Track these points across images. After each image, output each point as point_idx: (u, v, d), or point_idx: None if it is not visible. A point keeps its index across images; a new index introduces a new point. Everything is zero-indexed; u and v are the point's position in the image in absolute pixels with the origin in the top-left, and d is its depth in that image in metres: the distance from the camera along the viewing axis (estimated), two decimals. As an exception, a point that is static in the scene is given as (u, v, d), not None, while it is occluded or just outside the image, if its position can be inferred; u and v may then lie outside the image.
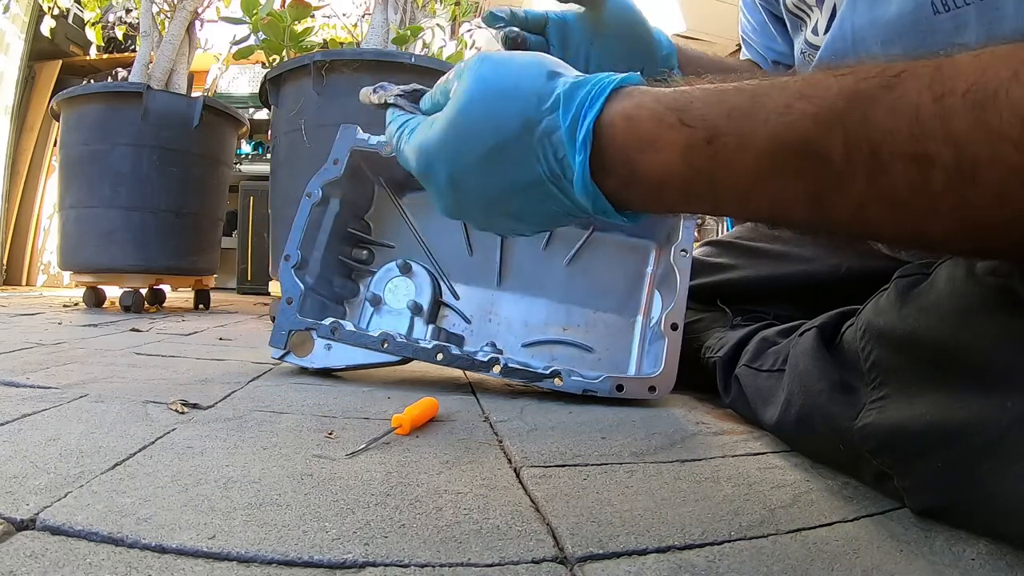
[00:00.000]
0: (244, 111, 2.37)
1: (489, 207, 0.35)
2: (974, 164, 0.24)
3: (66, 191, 1.72)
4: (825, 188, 0.27)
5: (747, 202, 0.29)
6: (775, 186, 0.28)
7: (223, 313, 1.83)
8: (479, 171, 0.33)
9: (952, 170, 0.24)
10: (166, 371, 0.75)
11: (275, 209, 1.54)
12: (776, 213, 0.29)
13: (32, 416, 0.50)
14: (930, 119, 0.24)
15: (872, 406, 0.39)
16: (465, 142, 0.33)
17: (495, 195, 0.34)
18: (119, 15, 2.93)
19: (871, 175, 0.26)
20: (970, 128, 0.24)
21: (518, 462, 0.45)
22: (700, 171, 0.29)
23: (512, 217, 0.35)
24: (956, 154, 0.24)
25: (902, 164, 0.25)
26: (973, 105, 0.23)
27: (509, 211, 0.35)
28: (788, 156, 0.27)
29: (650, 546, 0.31)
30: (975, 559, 0.31)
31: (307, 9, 1.68)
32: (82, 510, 0.31)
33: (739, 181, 0.28)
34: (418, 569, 0.28)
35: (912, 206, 0.26)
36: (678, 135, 0.29)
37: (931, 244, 0.28)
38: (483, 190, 0.34)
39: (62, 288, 2.88)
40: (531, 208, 0.34)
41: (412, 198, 0.89)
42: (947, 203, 0.25)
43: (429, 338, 0.77)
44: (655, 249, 0.82)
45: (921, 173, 0.25)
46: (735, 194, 0.29)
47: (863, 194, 0.26)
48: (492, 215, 0.36)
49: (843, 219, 0.27)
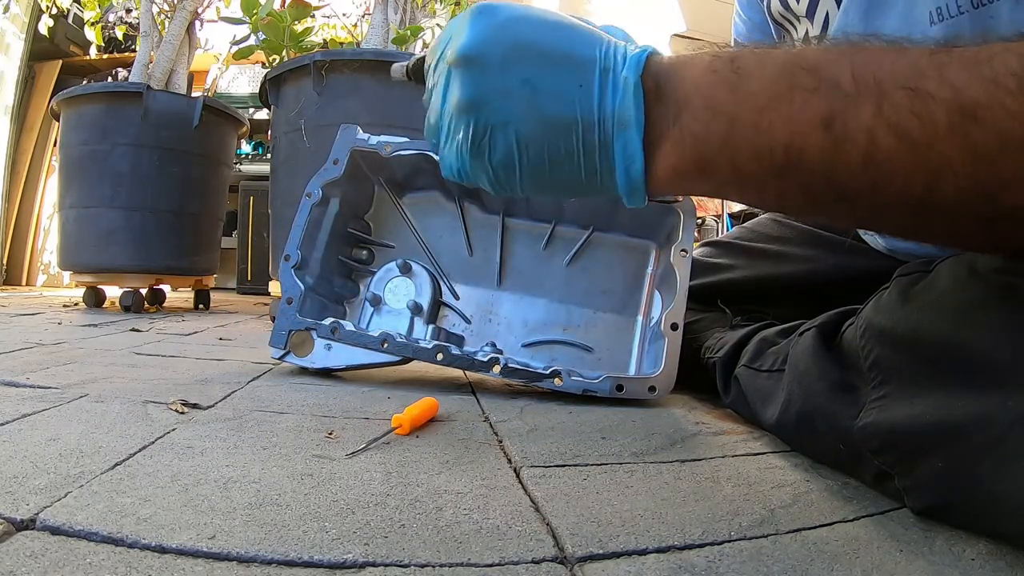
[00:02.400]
0: (244, 111, 2.38)
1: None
2: (974, 105, 0.25)
3: (66, 191, 1.72)
4: (837, 109, 0.28)
5: (764, 122, 0.29)
6: (789, 103, 0.29)
7: (223, 313, 1.83)
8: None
9: (952, 108, 0.26)
10: (166, 371, 0.75)
11: (275, 209, 1.54)
12: (793, 139, 0.29)
13: (32, 416, 0.50)
14: (928, 67, 0.27)
15: (872, 405, 0.39)
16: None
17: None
18: (119, 15, 2.94)
19: (878, 102, 0.27)
20: (966, 77, 0.26)
21: (518, 462, 0.45)
22: (724, 79, 0.31)
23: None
24: (955, 95, 0.26)
25: (903, 92, 0.27)
26: (968, 62, 0.26)
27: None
28: (801, 73, 0.29)
29: (650, 546, 0.31)
30: (975, 559, 0.30)
31: (307, 9, 1.68)
32: (82, 510, 0.31)
33: (758, 94, 0.30)
34: (418, 569, 0.28)
35: (919, 140, 0.27)
36: (706, 56, 0.32)
37: (944, 202, 0.28)
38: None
39: (62, 288, 2.88)
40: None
41: (412, 198, 0.89)
42: (954, 145, 0.26)
43: (429, 338, 0.77)
44: (655, 249, 0.82)
45: (923, 104, 0.26)
46: (753, 110, 0.30)
47: (873, 121, 0.27)
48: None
49: (856, 157, 0.28)
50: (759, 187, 0.32)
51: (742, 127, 0.30)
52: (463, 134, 0.34)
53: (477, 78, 0.33)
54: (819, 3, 0.57)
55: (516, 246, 0.85)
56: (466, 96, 0.33)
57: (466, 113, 0.34)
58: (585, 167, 0.34)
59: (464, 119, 0.34)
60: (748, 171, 0.31)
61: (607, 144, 0.33)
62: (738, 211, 3.26)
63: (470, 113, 0.34)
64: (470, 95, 0.33)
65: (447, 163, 0.37)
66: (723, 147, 0.31)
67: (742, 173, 0.31)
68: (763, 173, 0.30)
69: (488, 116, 0.33)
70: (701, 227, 3.58)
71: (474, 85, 0.33)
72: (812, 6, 0.58)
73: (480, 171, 0.35)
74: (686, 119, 0.31)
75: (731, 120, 0.30)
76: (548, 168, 0.34)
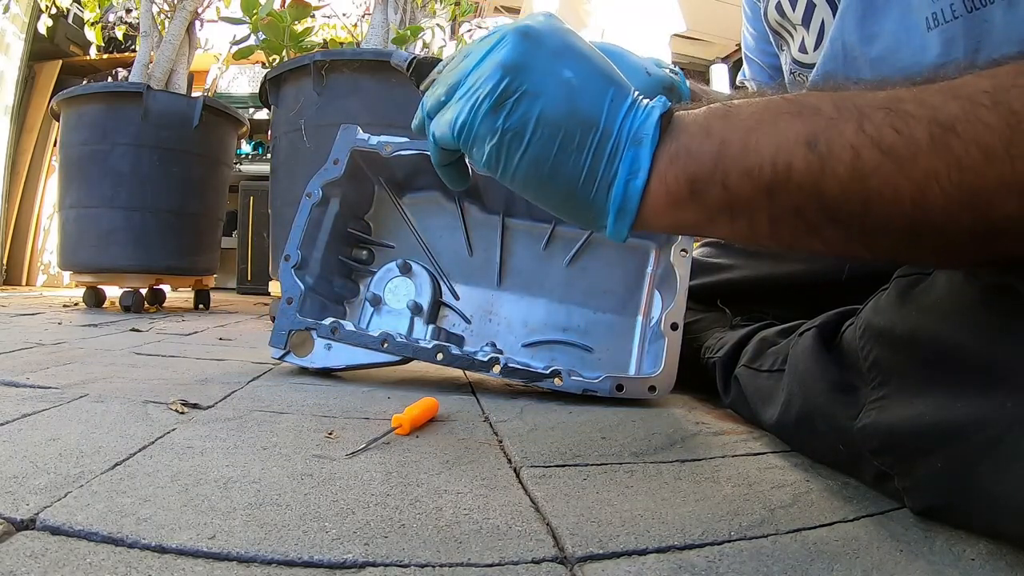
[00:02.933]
0: (244, 111, 2.38)
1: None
2: (951, 119, 0.27)
3: (66, 191, 1.72)
4: (819, 128, 0.30)
5: (752, 141, 0.31)
6: (774, 126, 0.31)
7: (223, 313, 1.83)
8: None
9: (932, 122, 0.27)
10: (166, 371, 0.75)
11: (275, 209, 1.54)
12: (779, 155, 0.30)
13: (32, 416, 0.50)
14: (904, 94, 0.29)
15: (872, 406, 0.39)
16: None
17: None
18: (119, 15, 2.94)
19: (859, 122, 0.29)
20: (941, 98, 0.28)
21: (518, 462, 0.45)
22: (717, 113, 0.33)
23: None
24: (932, 112, 0.28)
25: (882, 112, 0.29)
26: (941, 89, 0.28)
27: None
28: (784, 104, 0.32)
29: (650, 546, 0.31)
30: (975, 559, 0.31)
31: (307, 9, 1.68)
32: (82, 510, 0.31)
33: (746, 119, 0.32)
34: (418, 569, 0.28)
35: (903, 154, 0.28)
36: (706, 102, 0.35)
37: (935, 219, 0.28)
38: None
39: (62, 288, 2.88)
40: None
41: (412, 198, 0.89)
42: (938, 158, 0.27)
43: (429, 338, 0.77)
44: (655, 249, 0.82)
45: (903, 121, 0.28)
46: (742, 131, 0.32)
47: (855, 138, 0.29)
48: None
49: (844, 172, 0.29)
50: (751, 212, 0.32)
51: (732, 146, 0.32)
52: (490, 87, 0.34)
53: (531, 50, 0.34)
54: (815, 11, 0.57)
55: (516, 246, 0.85)
56: (514, 58, 0.34)
57: (502, 71, 0.34)
58: (588, 168, 0.34)
59: (500, 74, 0.34)
60: (739, 191, 0.32)
61: (616, 155, 0.34)
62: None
63: (509, 72, 0.34)
64: (519, 59, 0.34)
65: (452, 116, 0.36)
66: (714, 164, 0.32)
67: (733, 194, 0.32)
68: (754, 192, 0.31)
69: (524, 82, 0.34)
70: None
71: (526, 53, 0.34)
72: (808, 14, 0.58)
73: (487, 130, 0.34)
74: (683, 139, 0.33)
75: (722, 140, 0.32)
76: (553, 156, 0.34)
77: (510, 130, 0.34)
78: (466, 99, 0.35)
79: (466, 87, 0.35)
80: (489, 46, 0.35)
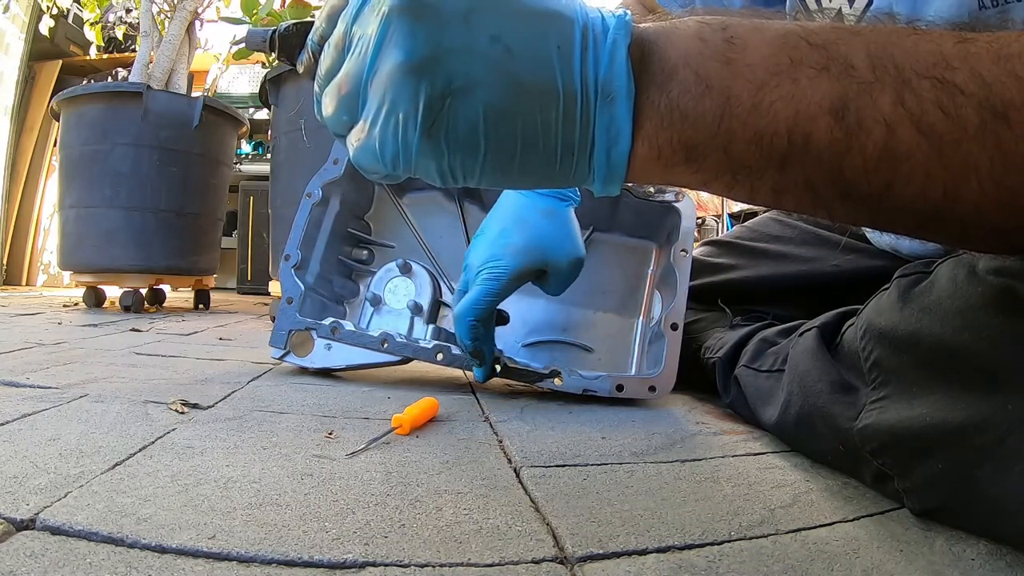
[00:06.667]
0: (244, 111, 2.38)
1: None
2: (1005, 105, 0.22)
3: (66, 191, 1.72)
4: (851, 95, 0.24)
5: (765, 101, 0.25)
6: (794, 81, 0.25)
7: (223, 313, 1.83)
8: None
9: (984, 107, 0.23)
10: (166, 371, 0.75)
11: (275, 209, 1.54)
12: (798, 124, 0.25)
13: (32, 416, 0.50)
14: (954, 57, 0.23)
15: (872, 406, 0.39)
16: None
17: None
18: (119, 15, 2.94)
19: (898, 90, 0.24)
20: (997, 72, 0.23)
21: (518, 462, 0.45)
22: (716, 50, 0.26)
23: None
24: (986, 91, 0.23)
25: (929, 83, 0.23)
26: (996, 56, 0.23)
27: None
28: (806, 48, 0.25)
29: (650, 546, 0.31)
30: (975, 559, 0.30)
31: (307, 9, 1.68)
32: (82, 510, 0.31)
33: (756, 67, 0.25)
34: (418, 569, 0.28)
35: (946, 138, 0.23)
36: (692, 22, 0.27)
37: (957, 213, 0.25)
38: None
39: (62, 288, 2.88)
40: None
41: (412, 198, 0.89)
42: (984, 148, 0.23)
43: (429, 338, 0.77)
44: (655, 249, 0.82)
45: (951, 98, 0.23)
46: (751, 85, 0.25)
47: (892, 112, 0.24)
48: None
49: (872, 152, 0.24)
50: (753, 180, 0.27)
51: (739, 105, 0.25)
52: (409, 105, 0.25)
53: (433, 31, 0.25)
54: None
55: (516, 246, 0.85)
56: (417, 54, 0.25)
57: (415, 76, 0.25)
58: (561, 146, 0.27)
59: (411, 84, 0.25)
60: (743, 160, 0.26)
61: (588, 121, 0.26)
62: (738, 211, 3.26)
63: (421, 76, 0.25)
64: (423, 52, 0.25)
65: (375, 148, 0.27)
66: (716, 129, 0.25)
67: (736, 162, 0.26)
68: (761, 163, 0.26)
69: (448, 77, 0.25)
70: (701, 227, 3.58)
71: (429, 40, 0.25)
72: None
73: (431, 155, 0.26)
74: (674, 91, 0.26)
75: (727, 98, 0.25)
76: (519, 149, 0.27)
77: (461, 144, 0.26)
78: (384, 124, 0.26)
79: (374, 106, 0.27)
80: (377, 35, 0.26)
